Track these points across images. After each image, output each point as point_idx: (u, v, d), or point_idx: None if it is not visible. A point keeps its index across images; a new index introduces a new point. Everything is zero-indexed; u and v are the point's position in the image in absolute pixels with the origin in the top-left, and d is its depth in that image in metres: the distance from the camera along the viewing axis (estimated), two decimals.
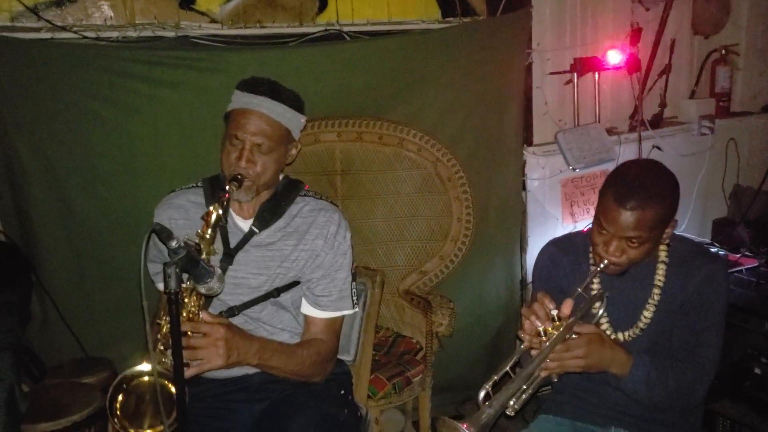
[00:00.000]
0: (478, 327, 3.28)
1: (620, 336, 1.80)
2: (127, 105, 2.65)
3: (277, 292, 1.90)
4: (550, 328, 1.61)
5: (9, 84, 2.55)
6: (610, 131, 3.46)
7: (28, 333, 2.62)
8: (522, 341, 1.66)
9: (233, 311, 1.87)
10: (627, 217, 1.64)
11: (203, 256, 1.60)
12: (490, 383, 1.62)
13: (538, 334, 1.62)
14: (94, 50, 2.61)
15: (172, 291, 1.35)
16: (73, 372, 2.56)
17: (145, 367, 1.53)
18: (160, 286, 1.91)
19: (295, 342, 1.93)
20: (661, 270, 1.80)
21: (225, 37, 2.78)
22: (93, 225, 2.73)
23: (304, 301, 1.94)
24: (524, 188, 3.30)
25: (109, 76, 2.61)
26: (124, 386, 1.54)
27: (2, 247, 2.57)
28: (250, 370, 1.86)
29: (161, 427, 1.52)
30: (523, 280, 3.38)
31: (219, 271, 1.48)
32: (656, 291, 1.78)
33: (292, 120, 1.86)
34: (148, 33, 2.67)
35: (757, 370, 2.67)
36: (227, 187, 1.72)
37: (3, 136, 2.61)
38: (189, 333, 1.63)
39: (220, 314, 1.84)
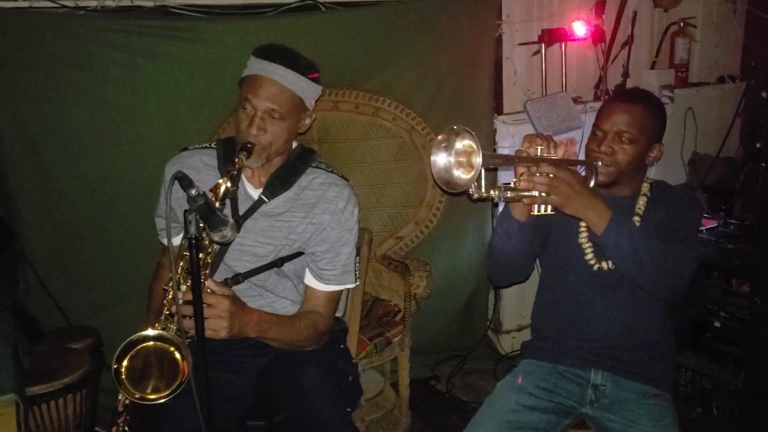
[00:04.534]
0: (451, 291, 3.39)
1: (604, 265, 1.93)
2: (105, 74, 2.66)
3: (281, 261, 1.92)
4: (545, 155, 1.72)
5: None
6: (576, 100, 3.57)
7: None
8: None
9: (238, 278, 1.90)
10: (619, 111, 1.87)
11: None
12: (488, 159, 1.59)
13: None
14: (72, 19, 2.61)
15: (193, 236, 1.39)
16: (60, 339, 2.58)
17: (151, 332, 1.52)
18: (165, 242, 1.95)
19: (294, 309, 1.97)
20: (642, 201, 1.97)
21: (203, 6, 2.79)
22: (72, 194, 2.74)
23: (307, 273, 1.96)
24: None
25: (87, 45, 2.62)
26: (130, 351, 1.52)
27: None
28: None
29: (165, 392, 1.53)
30: None
31: (232, 220, 1.51)
32: (636, 218, 1.93)
33: (306, 89, 1.85)
34: (126, 2, 2.67)
35: (717, 324, 2.83)
36: (236, 159, 1.69)
37: None
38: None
39: (226, 281, 1.87)
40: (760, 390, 2.31)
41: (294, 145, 1.99)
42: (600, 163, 1.87)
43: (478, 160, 1.46)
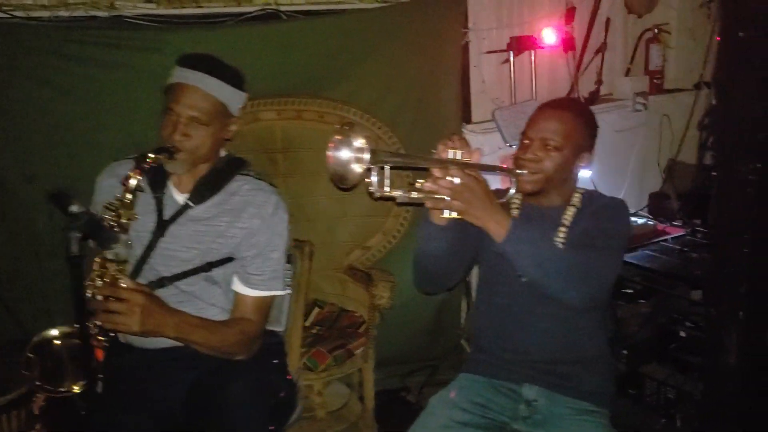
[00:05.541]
0: (421, 300, 3.31)
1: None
2: (60, 85, 2.66)
3: (209, 266, 1.92)
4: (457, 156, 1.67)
5: None
6: None
7: None
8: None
9: (163, 282, 1.90)
10: (546, 117, 1.88)
11: (123, 220, 1.64)
12: (381, 157, 1.54)
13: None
14: (25, 30, 2.61)
15: (73, 255, 1.39)
16: (10, 352, 2.54)
17: (55, 331, 1.56)
18: None
19: (225, 317, 1.96)
20: (570, 211, 1.93)
21: (160, 16, 2.79)
22: (29, 205, 2.73)
23: (235, 278, 1.96)
24: None
25: (42, 56, 2.62)
26: (40, 351, 1.56)
27: None
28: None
29: (77, 386, 1.58)
30: None
31: (124, 236, 1.52)
32: (562, 229, 1.90)
33: (229, 96, 1.89)
34: (80, 13, 2.67)
35: (683, 333, 2.79)
36: (151, 155, 1.74)
37: None
38: (108, 297, 1.65)
39: (150, 284, 1.87)
40: (718, 400, 2.27)
41: (222, 153, 2.02)
42: (526, 171, 1.84)
43: (366, 156, 1.46)
